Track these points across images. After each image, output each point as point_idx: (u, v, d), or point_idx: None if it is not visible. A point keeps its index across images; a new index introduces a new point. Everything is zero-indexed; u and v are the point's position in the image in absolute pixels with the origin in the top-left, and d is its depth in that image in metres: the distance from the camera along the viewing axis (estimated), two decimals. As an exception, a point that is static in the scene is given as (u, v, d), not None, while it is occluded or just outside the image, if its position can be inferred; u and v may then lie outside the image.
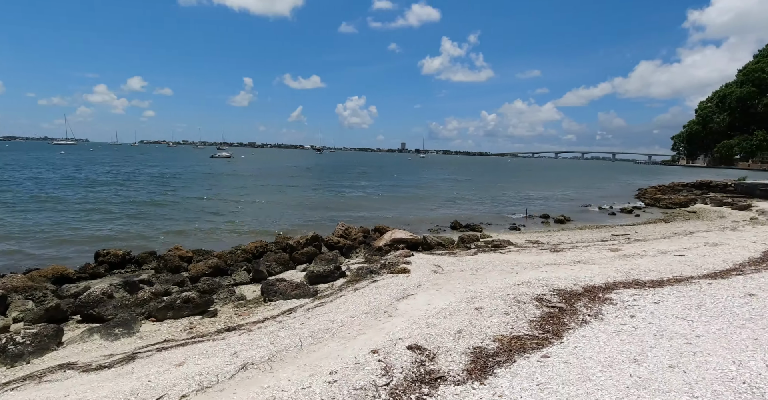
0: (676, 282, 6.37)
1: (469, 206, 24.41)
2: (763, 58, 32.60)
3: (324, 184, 35.02)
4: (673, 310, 4.95)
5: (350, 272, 7.72)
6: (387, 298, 5.82)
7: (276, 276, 7.84)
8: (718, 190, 35.27)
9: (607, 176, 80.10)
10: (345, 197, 26.26)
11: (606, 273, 6.91)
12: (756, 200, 24.76)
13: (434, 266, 7.75)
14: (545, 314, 4.86)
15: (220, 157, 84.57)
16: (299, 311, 5.79)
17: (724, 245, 9.79)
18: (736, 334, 3.96)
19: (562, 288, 5.88)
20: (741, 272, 6.91)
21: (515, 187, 41.35)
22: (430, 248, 9.84)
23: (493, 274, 7.03)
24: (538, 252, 9.46)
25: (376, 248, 9.36)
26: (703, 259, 8.16)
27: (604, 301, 5.39)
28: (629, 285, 6.21)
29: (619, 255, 8.82)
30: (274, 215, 17.48)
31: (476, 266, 7.80)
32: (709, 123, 33.73)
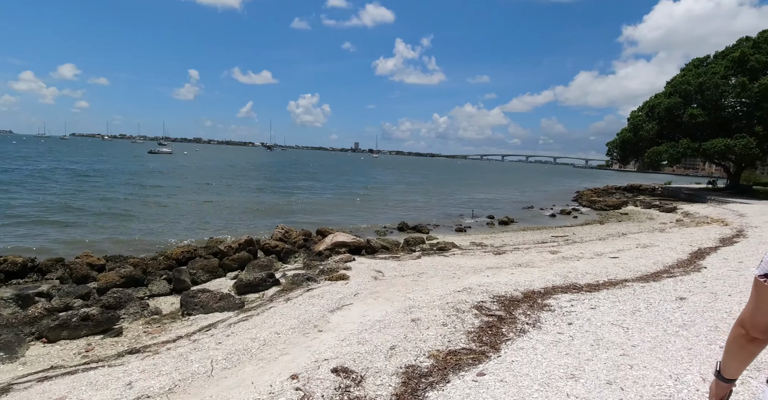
0: (612, 285, 6.42)
1: (418, 207, 24.43)
2: (688, 71, 35.44)
3: (271, 185, 33.76)
4: (609, 316, 4.89)
5: (285, 279, 7.16)
6: (320, 309, 5.35)
7: (200, 286, 7.12)
8: (647, 194, 38.00)
9: (549, 179, 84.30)
10: (292, 198, 25.37)
11: (545, 277, 6.86)
12: (680, 202, 26.77)
13: (375, 271, 7.36)
14: (484, 324, 4.61)
15: (160, 153, 79.64)
16: (219, 326, 5.18)
17: (654, 247, 10.23)
18: (671, 343, 3.89)
19: (502, 294, 5.70)
20: (671, 275, 7.12)
21: (464, 189, 42.21)
22: (373, 252, 9.46)
23: (434, 280, 6.76)
24: (481, 255, 9.37)
25: (316, 252, 8.84)
26: (635, 261, 8.40)
27: (543, 307, 5.25)
28: (567, 289, 6.17)
29: (558, 257, 8.91)
30: (210, 217, 16.35)
31: (418, 270, 7.52)
32: (639, 131, 36.12)
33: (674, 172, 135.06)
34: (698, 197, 29.14)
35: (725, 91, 30.15)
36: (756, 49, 29.74)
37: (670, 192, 37.59)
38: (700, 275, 7.04)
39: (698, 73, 32.99)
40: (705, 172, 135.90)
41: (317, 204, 22.93)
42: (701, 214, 19.81)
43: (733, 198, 26.71)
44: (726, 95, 30.55)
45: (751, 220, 15.28)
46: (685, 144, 30.42)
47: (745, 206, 21.60)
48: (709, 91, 30.41)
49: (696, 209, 22.46)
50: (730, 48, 33.23)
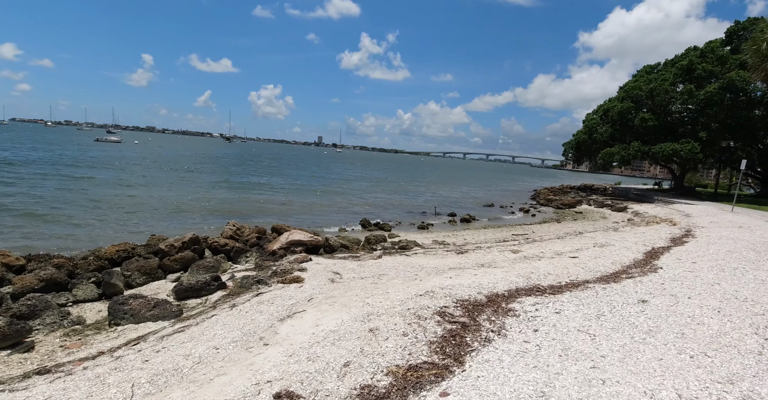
0: (574, 287, 6.30)
1: (381, 204, 24.08)
2: (640, 77, 37.07)
3: (226, 178, 32.27)
4: (575, 321, 4.70)
5: (233, 282, 6.55)
6: (268, 318, 4.83)
7: (135, 290, 6.38)
8: (599, 193, 39.62)
9: (508, 177, 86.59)
10: (248, 193, 24.29)
11: (508, 278, 6.65)
12: (630, 202, 27.99)
13: (332, 272, 6.90)
14: (447, 333, 4.28)
15: (108, 142, 74.81)
16: (150, 339, 4.55)
17: (611, 246, 10.37)
18: (641, 353, 3.70)
19: (466, 298, 5.41)
20: (630, 275, 7.12)
21: (427, 186, 42.34)
22: (332, 251, 8.98)
23: (395, 282, 6.39)
24: (444, 254, 9.12)
25: (270, 251, 8.25)
26: (594, 261, 8.41)
27: (507, 312, 5.00)
28: (531, 292, 5.97)
29: (520, 257, 8.80)
30: (154, 212, 15.19)
31: (379, 271, 7.13)
32: (594, 133, 37.52)
33: (623, 173, 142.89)
34: (646, 197, 30.63)
35: (673, 97, 31.77)
36: (702, 59, 31.47)
37: (620, 192, 39.40)
38: (657, 275, 7.08)
39: (649, 80, 34.60)
40: (650, 173, 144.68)
41: (276, 200, 22.04)
42: (650, 213, 20.70)
43: (678, 199, 28.23)
44: (674, 102, 32.21)
45: (697, 220, 16.02)
46: (636, 147, 31.82)
47: (690, 206, 22.80)
48: (658, 97, 31.94)
49: (645, 208, 23.49)
50: (679, 56, 35.07)
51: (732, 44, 32.10)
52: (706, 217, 17.38)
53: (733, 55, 30.41)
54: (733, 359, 3.55)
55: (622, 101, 35.38)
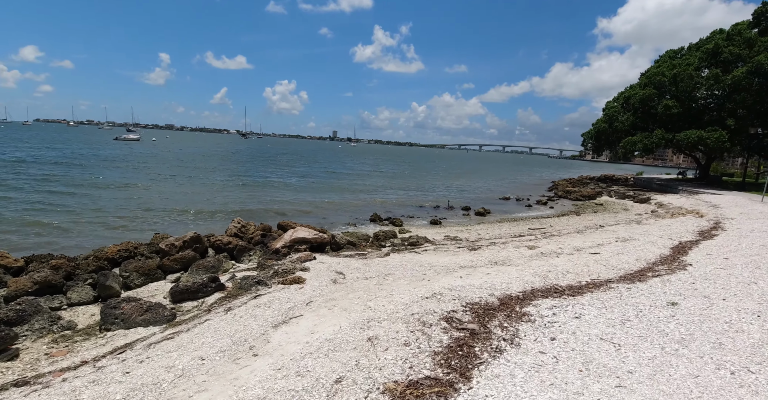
0: (595, 287, 5.83)
1: (394, 197, 23.69)
2: (663, 63, 35.58)
3: (242, 173, 32.35)
4: (596, 327, 4.26)
5: (233, 282, 6.28)
6: (262, 324, 4.52)
7: (132, 291, 6.16)
8: (620, 184, 38.40)
9: (524, 169, 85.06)
10: (262, 188, 24.22)
11: (523, 278, 6.21)
12: (653, 193, 26.94)
13: (336, 272, 6.56)
14: (454, 342, 3.89)
15: (126, 140, 76.07)
16: (137, 347, 4.29)
17: (634, 241, 9.79)
18: (673, 367, 3.25)
19: (476, 301, 5.00)
20: (656, 273, 6.60)
21: (441, 179, 41.76)
22: (338, 248, 8.65)
23: (401, 282, 6.01)
24: (455, 251, 8.70)
25: (273, 250, 7.96)
26: (617, 257, 7.89)
27: (522, 317, 4.58)
28: (548, 293, 5.52)
29: (536, 253, 8.32)
30: (165, 211, 15.11)
31: (385, 271, 6.76)
32: (614, 122, 36.24)
33: (644, 162, 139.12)
34: (670, 188, 29.46)
35: (698, 83, 30.34)
36: (729, 42, 29.94)
37: (643, 182, 38.10)
38: (686, 273, 6.55)
39: (672, 65, 33.13)
40: (673, 162, 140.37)
41: (288, 195, 21.87)
42: (675, 204, 19.79)
43: (703, 189, 27.04)
44: (699, 87, 30.77)
45: (726, 211, 15.17)
46: (659, 135, 30.58)
47: (717, 196, 21.75)
48: (683, 83, 30.55)
49: (669, 199, 22.52)
50: (704, 40, 33.49)
51: (760, 26, 30.41)
52: (735, 208, 16.47)
53: (761, 38, 28.82)
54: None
55: (644, 88, 34.01)
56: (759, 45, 28.12)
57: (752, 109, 29.07)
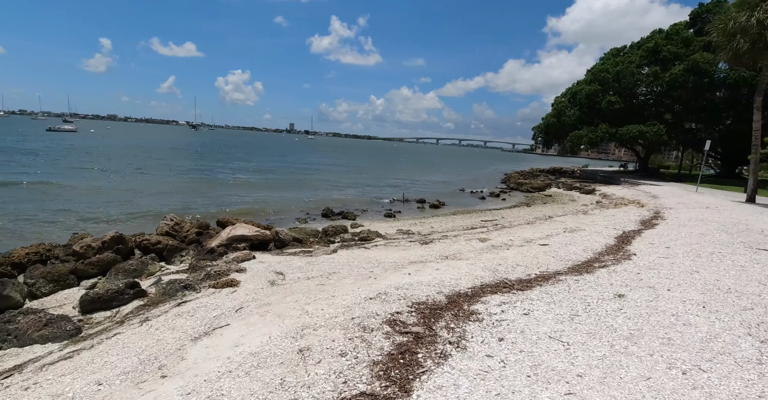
0: (544, 280, 5.69)
1: (350, 191, 23.20)
2: (607, 60, 37.11)
3: (188, 168, 30.53)
4: (545, 324, 4.05)
5: (157, 287, 5.61)
6: (180, 337, 3.96)
7: (38, 301, 5.35)
8: (567, 176, 39.97)
9: (479, 162, 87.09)
10: (209, 183, 22.89)
11: (473, 272, 5.98)
12: (598, 184, 28.14)
13: (275, 273, 6.04)
14: (396, 349, 3.53)
15: (61, 131, 70.25)
16: (28, 369, 3.61)
17: (581, 231, 9.92)
18: (624, 368, 3.06)
19: (423, 300, 4.68)
20: (603, 264, 6.59)
21: (399, 172, 41.67)
22: (283, 246, 8.10)
23: (345, 282, 5.60)
24: (406, 246, 8.40)
25: (207, 249, 7.29)
26: (565, 248, 7.88)
27: (470, 316, 4.31)
28: (497, 288, 5.31)
29: (488, 246, 8.18)
30: (95, 208, 13.79)
31: (330, 269, 6.31)
32: (562, 116, 37.55)
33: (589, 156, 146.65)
34: (613, 179, 30.94)
35: (639, 79, 31.93)
36: (668, 41, 31.64)
37: (588, 174, 39.89)
38: (631, 263, 6.59)
39: (616, 62, 34.65)
40: (615, 156, 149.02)
41: (237, 190, 20.79)
42: (618, 195, 20.68)
43: (643, 180, 28.58)
44: (640, 84, 32.40)
45: (664, 201, 15.95)
46: (604, 129, 31.96)
47: (656, 187, 22.98)
48: (625, 80, 32.03)
49: (612, 190, 23.55)
50: (645, 39, 35.24)
51: (696, 26, 32.41)
52: (672, 198, 17.38)
53: (697, 38, 30.69)
54: (732, 373, 2.95)
55: (589, 84, 35.41)
56: (695, 44, 29.91)
57: (688, 105, 30.99)
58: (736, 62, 15.90)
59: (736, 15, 14.61)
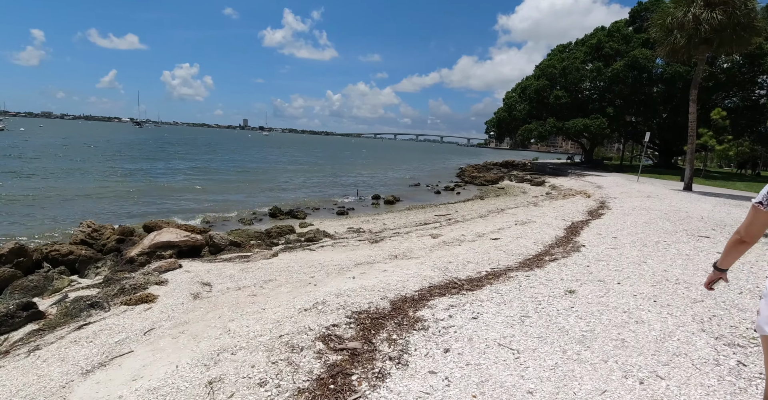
0: (495, 278, 5.41)
1: (302, 188, 22.38)
2: (554, 56, 38.26)
3: (123, 169, 28.30)
4: (495, 329, 3.73)
5: (59, 307, 4.80)
6: (69, 370, 3.28)
7: None
8: (519, 169, 41.03)
9: (436, 157, 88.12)
10: (146, 184, 21.22)
11: (422, 272, 5.62)
12: (547, 176, 28.96)
13: (201, 284, 5.38)
14: (327, 371, 3.06)
15: (-19, 130, 63.80)
16: None
17: (532, 223, 9.88)
18: (577, 380, 2.75)
19: (365, 308, 4.23)
20: (553, 257, 6.44)
21: (356, 168, 41.09)
22: (218, 251, 7.38)
23: (281, 290, 5.05)
24: (355, 245, 7.93)
25: (127, 259, 6.46)
26: (516, 242, 7.72)
27: (415, 324, 3.91)
28: (446, 289, 4.96)
29: (439, 243, 7.87)
30: (7, 217, 12.24)
31: (266, 276, 5.73)
32: (513, 111, 38.44)
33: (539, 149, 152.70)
34: (561, 171, 31.99)
35: (584, 75, 33.14)
36: (609, 38, 33.00)
37: (538, 167, 41.14)
38: (581, 255, 6.48)
39: (562, 58, 35.81)
40: (563, 149, 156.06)
41: (176, 192, 19.42)
42: (566, 186, 21.27)
43: (589, 171, 29.73)
44: (584, 79, 33.64)
45: (609, 191, 16.46)
46: (551, 123, 32.95)
47: (600, 178, 23.88)
48: (570, 75, 33.14)
49: (561, 181, 24.26)
50: (589, 36, 36.64)
51: (635, 24, 34.03)
52: (616, 188, 18.03)
53: (636, 35, 32.22)
54: (690, 378, 2.71)
55: (538, 79, 36.39)
56: (634, 41, 31.37)
57: (628, 99, 32.53)
58: (673, 57, 16.64)
59: (674, 11, 15.23)
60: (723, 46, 15.00)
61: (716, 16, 13.85)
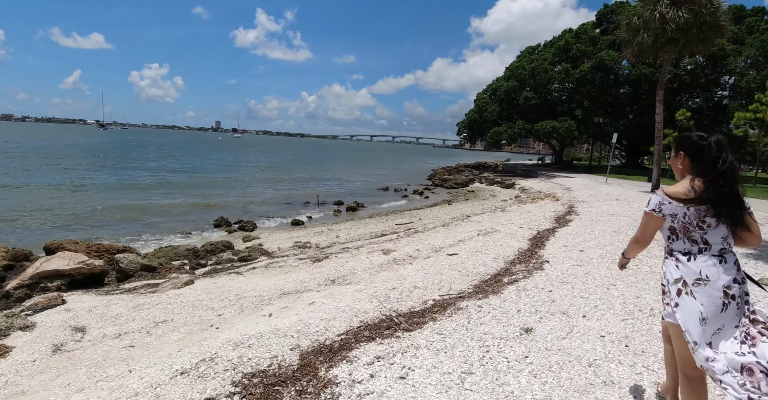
0: (442, 310, 4.53)
1: (263, 194, 21.10)
2: (523, 57, 38.16)
3: (65, 174, 26.17)
4: (425, 395, 2.82)
5: None
6: None
7: None
8: (491, 170, 40.80)
9: (410, 158, 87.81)
10: (84, 192, 19.34)
11: (357, 305, 4.69)
12: (518, 178, 28.62)
13: (73, 330, 4.27)
14: None
15: None
16: None
17: (496, 233, 9.12)
18: None
19: (263, 368, 3.26)
20: (513, 277, 5.63)
21: (327, 171, 39.96)
22: (126, 277, 6.25)
23: (170, 338, 4.01)
24: (293, 265, 6.94)
25: (3, 292, 5.27)
26: (475, 257, 6.90)
27: (323, 390, 2.96)
28: (378, 330, 4.03)
29: (389, 261, 6.96)
30: None
31: (161, 316, 4.67)
32: (484, 112, 38.12)
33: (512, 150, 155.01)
34: (531, 173, 31.79)
35: (553, 76, 33.08)
36: (577, 39, 33.05)
37: (509, 168, 41.01)
38: (544, 275, 5.70)
39: (531, 60, 35.72)
40: (535, 150, 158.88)
41: (116, 200, 17.75)
42: (535, 189, 20.83)
43: (559, 172, 29.57)
44: (553, 81, 33.60)
45: (577, 194, 15.99)
46: (521, 125, 32.73)
47: (569, 179, 23.60)
48: (539, 76, 33.02)
49: (531, 183, 23.87)
50: (557, 38, 36.72)
51: (602, 26, 34.25)
52: (585, 190, 17.62)
53: (603, 37, 32.37)
54: None
55: (508, 80, 36.20)
56: (601, 43, 31.48)
57: (596, 101, 32.64)
58: (640, 57, 16.37)
59: (641, 10, 14.92)
60: (689, 46, 14.76)
61: (682, 14, 13.56)
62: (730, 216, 1.89)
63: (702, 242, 1.94)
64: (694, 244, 1.96)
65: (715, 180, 1.85)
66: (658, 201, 2.05)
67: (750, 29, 28.30)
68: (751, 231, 1.96)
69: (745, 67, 27.16)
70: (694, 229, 1.94)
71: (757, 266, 6.05)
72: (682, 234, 1.99)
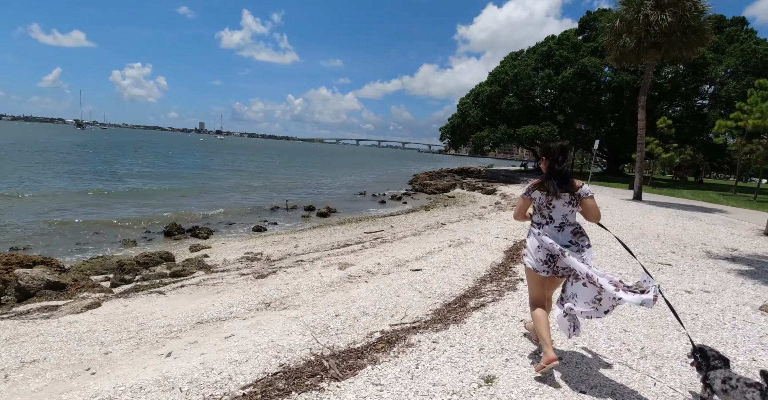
0: (388, 346, 3.67)
1: (231, 200, 19.93)
2: (506, 63, 37.87)
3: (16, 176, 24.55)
4: None
5: None
6: None
7: None
8: (473, 176, 40.31)
9: (395, 163, 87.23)
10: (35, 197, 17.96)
11: (283, 341, 3.79)
12: (500, 183, 28.09)
13: None
14: None
15: None
16: None
17: (469, 244, 8.33)
18: None
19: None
20: (480, 300, 4.81)
21: (307, 175, 38.89)
22: (26, 297, 5.21)
23: (28, 386, 3.05)
24: (231, 282, 5.99)
25: None
26: (441, 274, 6.08)
27: None
28: (298, 380, 3.14)
29: (343, 277, 6.08)
30: None
31: (33, 353, 3.68)
32: (467, 117, 37.65)
33: (497, 155, 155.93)
34: (513, 179, 31.35)
35: (535, 82, 32.81)
36: (560, 46, 32.86)
37: (492, 174, 40.61)
38: (516, 297, 4.90)
39: (514, 65, 35.43)
40: (519, 155, 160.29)
41: (80, 200, 16.54)
42: (516, 195, 20.22)
43: (541, 179, 29.16)
44: (536, 86, 33.32)
45: (559, 202, 15.38)
46: (503, 130, 32.31)
47: (551, 187, 23.09)
48: (522, 82, 32.69)
49: (512, 189, 23.30)
50: (540, 44, 36.55)
51: (584, 33, 34.17)
52: (566, 198, 17.04)
53: (585, 43, 32.25)
54: None
55: (490, 85, 35.82)
56: (583, 50, 31.32)
57: (578, 107, 32.43)
58: (623, 61, 15.91)
59: (624, 13, 14.48)
60: (672, 51, 14.34)
61: (666, 17, 13.12)
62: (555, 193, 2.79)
63: (548, 217, 2.85)
64: (543, 218, 2.87)
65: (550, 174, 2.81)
66: (528, 188, 2.91)
67: (730, 39, 28.47)
68: (586, 210, 2.88)
69: (725, 77, 27.23)
70: (544, 208, 2.85)
71: (756, 288, 5.37)
72: (538, 211, 2.91)
